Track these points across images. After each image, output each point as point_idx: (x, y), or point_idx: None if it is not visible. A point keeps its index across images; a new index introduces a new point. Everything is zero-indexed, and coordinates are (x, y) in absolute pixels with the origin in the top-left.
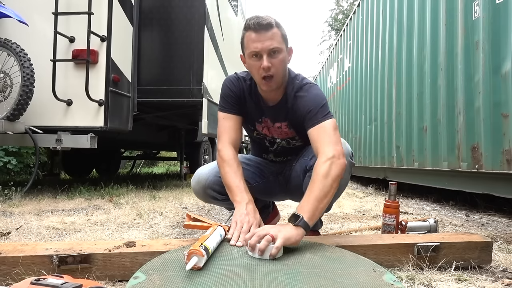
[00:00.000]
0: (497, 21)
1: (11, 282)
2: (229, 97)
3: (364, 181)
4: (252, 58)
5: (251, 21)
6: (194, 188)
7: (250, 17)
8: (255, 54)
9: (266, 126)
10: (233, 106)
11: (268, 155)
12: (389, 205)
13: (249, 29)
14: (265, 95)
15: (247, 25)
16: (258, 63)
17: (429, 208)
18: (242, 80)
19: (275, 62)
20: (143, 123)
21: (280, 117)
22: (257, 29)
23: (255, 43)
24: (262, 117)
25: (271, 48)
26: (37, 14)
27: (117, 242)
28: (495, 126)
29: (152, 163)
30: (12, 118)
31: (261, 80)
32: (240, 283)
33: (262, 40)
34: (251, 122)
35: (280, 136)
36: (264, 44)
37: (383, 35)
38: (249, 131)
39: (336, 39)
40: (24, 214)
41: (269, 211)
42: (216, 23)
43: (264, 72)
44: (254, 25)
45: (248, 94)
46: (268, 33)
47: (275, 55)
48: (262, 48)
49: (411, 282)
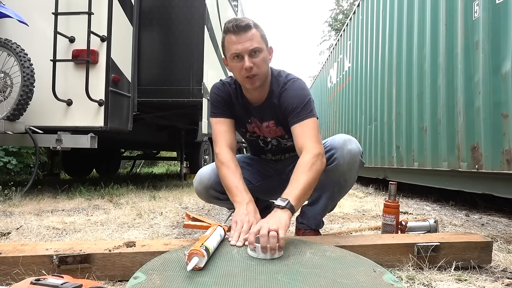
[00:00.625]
0: (497, 21)
1: (11, 282)
2: (218, 102)
3: (364, 181)
4: (234, 60)
5: (229, 24)
6: (197, 188)
7: (228, 20)
8: (236, 55)
9: (256, 125)
10: (223, 110)
11: (266, 155)
12: (389, 205)
13: (228, 32)
14: (250, 96)
15: (226, 28)
16: (240, 64)
17: (429, 208)
18: (228, 85)
19: (257, 61)
20: (143, 123)
21: (267, 115)
22: (236, 31)
23: (236, 45)
24: (250, 117)
25: (252, 49)
26: (37, 14)
27: (117, 242)
28: (495, 126)
29: (152, 163)
30: (12, 118)
31: (244, 79)
32: (240, 283)
33: (242, 41)
34: (241, 124)
35: (270, 135)
36: (245, 45)
37: (383, 35)
38: (242, 134)
39: (336, 39)
40: (24, 214)
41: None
42: (216, 23)
43: (247, 72)
44: (233, 28)
45: (235, 97)
46: (248, 34)
47: (256, 55)
48: (242, 49)
49: (411, 282)
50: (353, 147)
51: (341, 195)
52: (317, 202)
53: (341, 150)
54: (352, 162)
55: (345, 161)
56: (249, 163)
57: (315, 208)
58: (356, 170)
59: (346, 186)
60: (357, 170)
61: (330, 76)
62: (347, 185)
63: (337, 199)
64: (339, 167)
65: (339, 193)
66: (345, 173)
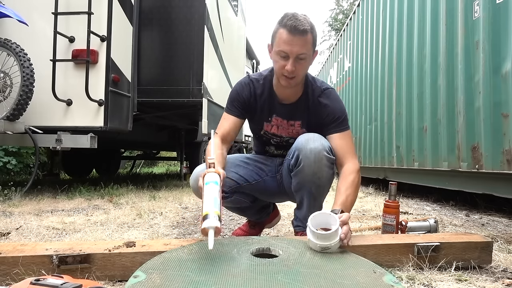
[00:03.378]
0: (497, 21)
1: (11, 282)
2: (236, 101)
3: (364, 181)
4: (278, 55)
5: (289, 21)
6: (192, 185)
7: (288, 15)
8: (283, 54)
9: (276, 124)
10: (237, 110)
11: (270, 148)
12: (389, 205)
13: (284, 28)
14: (282, 93)
15: (284, 23)
16: (284, 63)
17: (429, 208)
18: (255, 81)
19: (299, 66)
20: (143, 123)
21: (297, 115)
22: (292, 32)
23: (286, 45)
24: (272, 115)
25: (299, 54)
26: (37, 14)
27: (117, 242)
28: (495, 126)
29: (152, 163)
30: (12, 118)
31: (282, 76)
32: (240, 283)
33: (294, 44)
34: (259, 122)
35: (290, 135)
36: (294, 49)
37: (383, 35)
38: (257, 130)
39: (336, 39)
40: (24, 214)
41: (269, 211)
42: (216, 23)
43: (287, 73)
44: (290, 27)
45: (260, 93)
46: (302, 39)
47: (301, 61)
48: (291, 52)
49: (411, 282)
50: (315, 145)
51: (321, 192)
52: (302, 204)
53: (304, 150)
54: (318, 160)
55: (311, 161)
56: (247, 161)
57: (303, 210)
58: (326, 166)
59: (323, 184)
60: (329, 166)
61: (330, 76)
62: (322, 183)
63: (319, 197)
64: (306, 167)
65: (318, 191)
66: (316, 172)
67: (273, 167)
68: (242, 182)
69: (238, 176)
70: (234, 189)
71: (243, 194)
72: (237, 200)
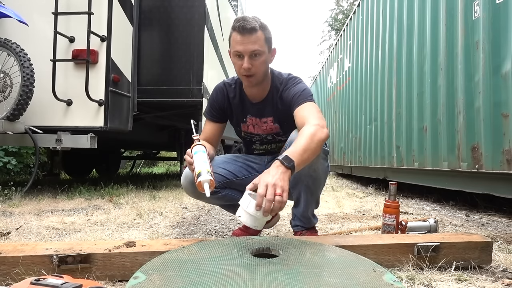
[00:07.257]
0: (497, 21)
1: (11, 282)
2: (213, 106)
3: (364, 181)
4: (235, 57)
5: (237, 23)
6: (183, 184)
7: (238, 18)
8: (238, 54)
9: (252, 124)
10: (214, 115)
11: (255, 145)
12: (389, 205)
13: (235, 30)
14: (250, 92)
15: (234, 26)
16: (240, 63)
17: (429, 208)
18: (228, 86)
19: (256, 63)
20: (143, 123)
21: (267, 112)
22: (241, 32)
23: (239, 45)
24: (246, 116)
25: (252, 51)
26: (37, 14)
27: (117, 242)
28: (495, 126)
29: (152, 163)
30: (12, 118)
31: (242, 76)
32: (240, 283)
33: (245, 43)
34: (236, 123)
35: (265, 132)
36: (246, 47)
37: (383, 35)
38: (238, 132)
39: (336, 39)
40: (24, 214)
41: None
42: (216, 23)
43: (245, 71)
44: (239, 28)
45: (233, 97)
46: (251, 37)
47: (256, 58)
48: (244, 50)
49: (411, 282)
50: None
51: (317, 186)
52: (299, 200)
53: None
54: None
55: None
56: (235, 159)
57: (300, 207)
58: (321, 158)
59: (319, 177)
60: (323, 157)
61: (330, 76)
62: (318, 175)
63: (315, 191)
64: None
65: (314, 185)
66: (311, 165)
67: (262, 165)
68: (231, 177)
69: (227, 171)
70: (224, 184)
71: (235, 190)
72: (229, 196)
